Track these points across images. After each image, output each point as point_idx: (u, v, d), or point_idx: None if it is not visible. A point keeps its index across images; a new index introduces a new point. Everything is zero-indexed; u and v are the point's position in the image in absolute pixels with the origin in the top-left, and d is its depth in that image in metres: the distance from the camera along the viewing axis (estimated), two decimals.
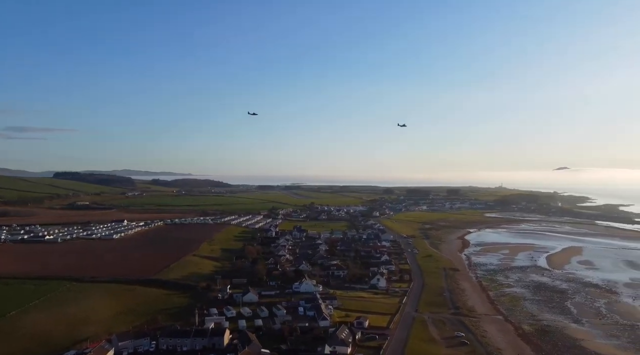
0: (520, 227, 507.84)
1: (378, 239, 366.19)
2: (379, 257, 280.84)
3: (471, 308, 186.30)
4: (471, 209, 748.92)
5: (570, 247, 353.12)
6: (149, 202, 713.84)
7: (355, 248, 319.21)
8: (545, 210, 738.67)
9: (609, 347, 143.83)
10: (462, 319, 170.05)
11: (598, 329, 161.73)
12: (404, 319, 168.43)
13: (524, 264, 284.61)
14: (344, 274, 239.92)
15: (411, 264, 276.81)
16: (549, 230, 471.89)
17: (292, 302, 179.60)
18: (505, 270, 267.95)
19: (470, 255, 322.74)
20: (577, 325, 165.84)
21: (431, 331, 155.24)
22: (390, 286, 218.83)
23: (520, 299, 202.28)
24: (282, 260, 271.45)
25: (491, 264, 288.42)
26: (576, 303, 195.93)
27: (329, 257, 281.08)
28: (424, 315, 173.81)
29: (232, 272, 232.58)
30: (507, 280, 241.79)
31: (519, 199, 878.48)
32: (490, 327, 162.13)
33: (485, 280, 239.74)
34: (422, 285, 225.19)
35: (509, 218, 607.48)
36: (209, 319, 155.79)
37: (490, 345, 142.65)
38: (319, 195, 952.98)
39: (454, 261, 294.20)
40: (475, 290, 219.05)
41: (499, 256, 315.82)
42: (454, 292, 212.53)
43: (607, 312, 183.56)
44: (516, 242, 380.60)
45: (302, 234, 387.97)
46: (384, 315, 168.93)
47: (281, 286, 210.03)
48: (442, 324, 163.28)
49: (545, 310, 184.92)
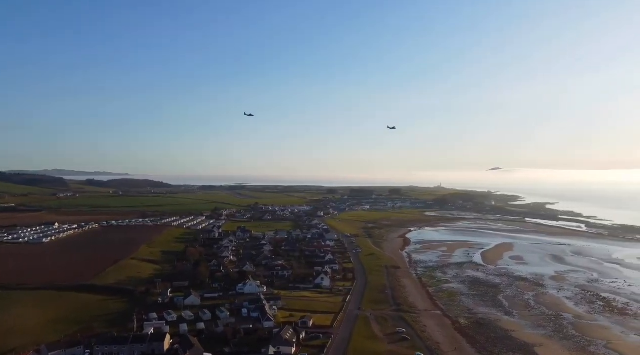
0: (457, 225, 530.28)
1: (322, 238, 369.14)
2: (323, 257, 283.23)
3: (412, 304, 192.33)
4: (412, 208, 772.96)
5: (503, 244, 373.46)
6: (83, 203, 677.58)
7: (300, 248, 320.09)
8: (480, 208, 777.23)
9: (537, 337, 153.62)
10: (403, 315, 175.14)
11: (527, 320, 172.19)
12: (347, 317, 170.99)
13: (460, 261, 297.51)
14: (289, 274, 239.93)
15: (355, 263, 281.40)
16: (484, 228, 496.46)
17: (235, 304, 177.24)
18: (444, 266, 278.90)
19: (411, 253, 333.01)
20: (508, 317, 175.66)
21: (374, 328, 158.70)
22: (334, 285, 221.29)
23: (458, 294, 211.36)
24: (226, 261, 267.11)
25: (431, 261, 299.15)
26: (508, 296, 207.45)
27: (273, 258, 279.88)
28: (367, 312, 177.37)
29: (173, 275, 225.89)
30: (445, 276, 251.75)
31: (457, 198, 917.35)
32: (429, 322, 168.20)
33: (425, 277, 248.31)
34: (365, 283, 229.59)
35: (447, 216, 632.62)
36: (148, 324, 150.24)
37: (430, 340, 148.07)
38: (264, 196, 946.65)
39: (395, 259, 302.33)
40: (415, 286, 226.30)
41: (437, 253, 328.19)
42: (396, 289, 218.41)
43: (535, 304, 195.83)
44: (454, 240, 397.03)
45: (246, 235, 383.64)
46: (328, 314, 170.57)
47: (225, 288, 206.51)
48: (384, 320, 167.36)
49: (480, 304, 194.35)
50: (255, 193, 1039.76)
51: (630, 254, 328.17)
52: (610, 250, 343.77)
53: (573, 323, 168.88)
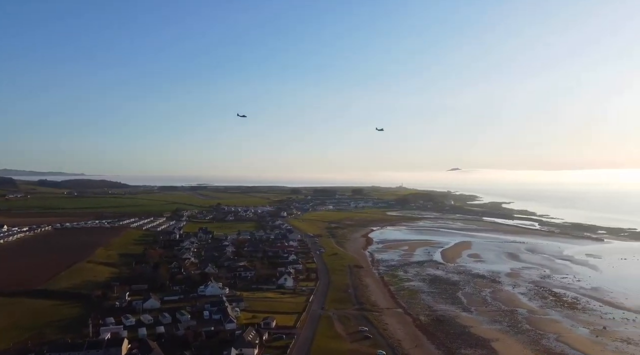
0: (418, 224, 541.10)
1: (286, 239, 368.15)
2: (286, 257, 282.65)
3: (374, 303, 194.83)
4: (374, 207, 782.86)
5: (462, 242, 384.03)
6: (35, 204, 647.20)
7: (263, 248, 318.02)
8: (440, 208, 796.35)
9: (493, 332, 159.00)
10: (365, 313, 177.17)
11: (484, 316, 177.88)
12: (310, 317, 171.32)
13: (421, 259, 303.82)
14: (252, 275, 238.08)
15: (318, 263, 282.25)
16: (444, 227, 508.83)
17: (197, 307, 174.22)
18: (405, 265, 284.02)
19: (374, 252, 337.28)
20: (466, 314, 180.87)
21: (337, 327, 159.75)
22: (297, 285, 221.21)
23: (418, 292, 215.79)
24: (187, 263, 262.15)
25: (392, 260, 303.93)
26: (466, 293, 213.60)
27: (236, 259, 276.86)
28: (330, 312, 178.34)
29: (131, 278, 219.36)
30: (407, 274, 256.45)
31: (417, 197, 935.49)
32: (391, 320, 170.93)
33: (387, 276, 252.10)
34: (329, 283, 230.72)
35: (408, 216, 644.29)
36: (104, 329, 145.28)
37: (391, 338, 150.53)
38: (226, 196, 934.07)
39: (358, 258, 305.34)
40: (377, 285, 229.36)
41: (399, 252, 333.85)
42: (358, 288, 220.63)
43: (492, 300, 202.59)
44: (415, 239, 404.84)
45: (208, 236, 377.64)
46: (292, 315, 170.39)
47: (186, 290, 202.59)
48: (347, 319, 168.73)
49: (440, 301, 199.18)
50: (217, 193, 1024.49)
51: (579, 250, 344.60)
52: (561, 247, 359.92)
53: (527, 318, 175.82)
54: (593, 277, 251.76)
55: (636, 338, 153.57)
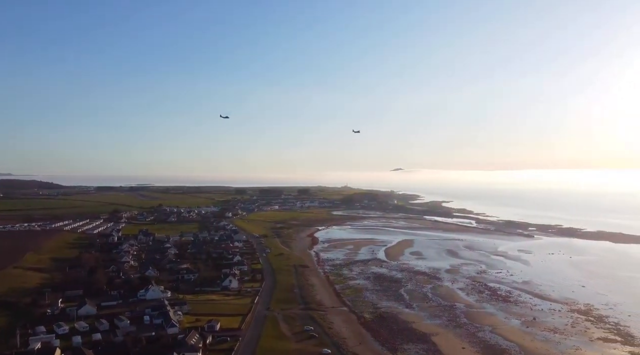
0: (363, 223, 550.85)
1: (230, 239, 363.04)
2: (231, 258, 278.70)
3: (319, 302, 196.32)
4: (320, 207, 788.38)
5: (404, 240, 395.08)
6: None
7: (207, 250, 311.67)
8: (384, 207, 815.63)
9: (433, 326, 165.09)
10: (311, 313, 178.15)
11: (425, 312, 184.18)
12: (256, 318, 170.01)
13: (365, 258, 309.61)
14: (195, 278, 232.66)
15: (263, 263, 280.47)
16: (387, 226, 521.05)
17: (137, 312, 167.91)
18: (350, 264, 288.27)
19: (319, 251, 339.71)
20: (409, 310, 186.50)
21: (282, 328, 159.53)
22: (242, 286, 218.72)
23: (363, 290, 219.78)
24: (126, 267, 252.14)
25: (337, 259, 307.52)
26: (408, 290, 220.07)
27: (178, 261, 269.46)
28: (276, 312, 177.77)
29: (65, 283, 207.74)
30: (351, 273, 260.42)
31: (362, 197, 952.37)
32: (336, 318, 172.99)
33: (332, 275, 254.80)
34: (274, 283, 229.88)
35: (353, 215, 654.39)
36: (34, 339, 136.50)
37: (336, 336, 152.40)
38: (168, 197, 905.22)
39: (304, 258, 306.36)
40: (323, 285, 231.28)
41: (344, 251, 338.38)
42: (304, 288, 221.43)
43: (432, 295, 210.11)
44: (359, 238, 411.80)
45: (148, 238, 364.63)
46: (236, 316, 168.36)
47: (125, 295, 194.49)
48: (292, 319, 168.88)
49: (383, 299, 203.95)
50: (158, 194, 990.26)
51: (512, 246, 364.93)
52: (496, 243, 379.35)
53: (465, 312, 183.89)
54: (524, 271, 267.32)
55: (561, 327, 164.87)
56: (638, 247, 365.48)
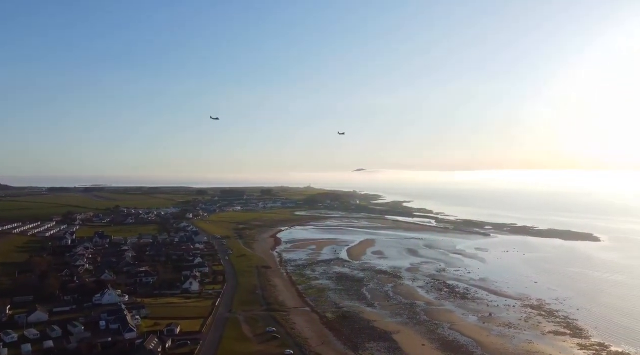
0: (325, 223, 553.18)
1: (191, 241, 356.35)
2: (192, 260, 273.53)
3: (282, 303, 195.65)
4: (283, 207, 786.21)
5: (366, 240, 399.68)
6: None
7: (167, 252, 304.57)
8: (346, 207, 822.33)
9: (394, 324, 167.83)
10: (273, 314, 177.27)
11: (386, 310, 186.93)
12: (217, 320, 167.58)
13: (328, 258, 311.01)
14: (154, 280, 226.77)
15: (225, 265, 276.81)
16: (349, 225, 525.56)
17: (92, 317, 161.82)
18: (313, 264, 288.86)
19: (282, 252, 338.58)
20: (370, 309, 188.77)
21: (244, 329, 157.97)
22: (203, 289, 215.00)
23: (325, 290, 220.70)
24: (80, 270, 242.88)
25: (300, 259, 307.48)
26: (370, 289, 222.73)
27: (136, 264, 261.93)
28: (237, 314, 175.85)
29: (13, 289, 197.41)
30: (314, 273, 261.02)
31: (325, 197, 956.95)
32: (298, 318, 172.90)
33: (295, 275, 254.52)
34: (236, 284, 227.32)
35: (316, 215, 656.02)
36: None
37: (299, 336, 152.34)
38: (126, 198, 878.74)
39: (266, 259, 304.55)
40: (285, 285, 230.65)
41: (307, 251, 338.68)
42: (266, 288, 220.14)
43: (393, 294, 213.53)
44: (322, 238, 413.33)
45: (104, 240, 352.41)
46: (197, 319, 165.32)
47: (79, 300, 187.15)
48: (254, 321, 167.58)
49: (345, 298, 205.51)
50: (115, 195, 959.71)
51: (470, 244, 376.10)
52: (454, 242, 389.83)
53: (424, 309, 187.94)
54: (481, 268, 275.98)
55: (515, 322, 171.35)
56: (585, 244, 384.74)
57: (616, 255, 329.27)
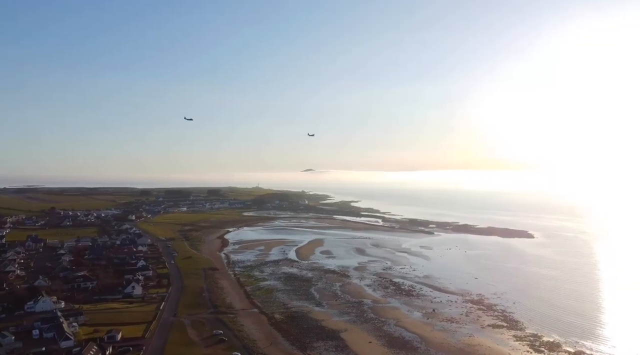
0: (274, 224, 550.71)
1: (134, 243, 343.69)
2: (134, 263, 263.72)
3: (229, 305, 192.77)
4: (230, 208, 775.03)
5: (315, 240, 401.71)
6: None
7: (108, 255, 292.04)
8: (295, 207, 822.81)
9: (342, 323, 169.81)
10: (220, 317, 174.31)
11: (335, 309, 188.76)
12: (161, 325, 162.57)
13: (277, 258, 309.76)
14: (94, 285, 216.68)
15: (170, 268, 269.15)
16: (298, 226, 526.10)
17: (24, 326, 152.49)
18: (261, 265, 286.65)
19: (229, 253, 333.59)
20: (319, 308, 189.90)
21: (190, 333, 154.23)
22: (147, 293, 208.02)
23: (274, 291, 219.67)
24: (11, 277, 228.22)
25: (248, 260, 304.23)
26: (318, 289, 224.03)
27: (74, 268, 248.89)
28: (183, 318, 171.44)
29: None
30: (263, 274, 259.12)
31: (273, 197, 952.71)
32: (246, 320, 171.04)
33: (243, 277, 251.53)
34: (182, 287, 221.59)
35: (264, 216, 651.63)
36: None
37: (247, 338, 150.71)
38: (63, 199, 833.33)
39: (213, 261, 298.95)
40: (233, 287, 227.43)
41: (255, 252, 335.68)
42: (213, 291, 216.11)
43: (341, 293, 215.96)
44: (271, 238, 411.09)
45: (38, 244, 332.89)
46: (140, 325, 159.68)
47: (10, 308, 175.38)
48: (201, 324, 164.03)
49: (294, 298, 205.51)
50: (50, 196, 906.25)
51: (415, 243, 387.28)
52: (400, 241, 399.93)
53: (371, 307, 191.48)
54: (425, 266, 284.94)
55: (457, 317, 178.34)
56: (520, 241, 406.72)
57: (548, 251, 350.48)
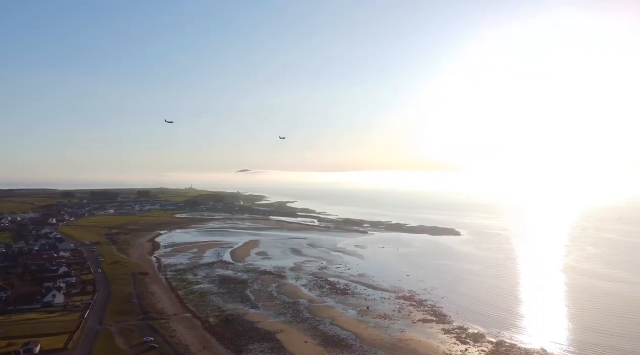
0: (208, 225, 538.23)
1: (55, 249, 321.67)
2: (55, 270, 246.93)
3: (160, 310, 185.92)
4: (162, 210, 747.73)
5: (250, 241, 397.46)
6: None
7: (24, 262, 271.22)
8: (230, 208, 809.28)
9: (278, 324, 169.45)
10: (151, 323, 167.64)
11: (270, 310, 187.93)
12: (86, 334, 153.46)
13: (211, 261, 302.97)
14: (8, 295, 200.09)
15: (95, 273, 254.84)
16: (233, 227, 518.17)
17: None
18: (195, 268, 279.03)
19: (161, 257, 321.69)
20: (254, 310, 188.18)
21: (117, 341, 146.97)
22: (69, 301, 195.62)
23: (208, 294, 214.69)
24: None
25: (181, 263, 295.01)
26: (254, 290, 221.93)
27: None
28: (110, 326, 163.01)
29: None
30: (196, 277, 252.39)
31: (207, 198, 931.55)
32: (179, 325, 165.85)
33: (175, 281, 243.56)
34: (108, 294, 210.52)
35: (198, 217, 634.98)
36: None
37: (179, 344, 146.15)
38: None
39: (143, 265, 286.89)
40: (165, 291, 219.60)
41: (188, 255, 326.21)
42: (143, 296, 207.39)
43: (277, 294, 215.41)
44: (205, 240, 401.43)
45: None
46: (62, 335, 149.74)
47: None
48: (129, 332, 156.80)
49: (229, 301, 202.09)
50: None
51: (350, 242, 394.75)
52: (336, 240, 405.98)
53: (307, 307, 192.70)
54: (360, 265, 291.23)
55: (390, 313, 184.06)
56: (448, 238, 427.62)
57: (473, 247, 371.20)
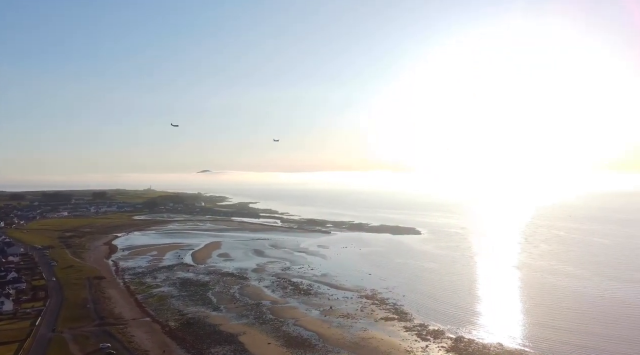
0: (168, 227, 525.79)
1: (3, 253, 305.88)
2: (4, 276, 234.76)
3: (118, 315, 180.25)
4: (119, 212, 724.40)
5: (212, 243, 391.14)
6: None
7: None
8: (191, 209, 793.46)
9: (241, 326, 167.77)
10: (108, 328, 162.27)
11: (233, 312, 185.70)
12: (37, 342, 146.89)
13: (171, 263, 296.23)
14: None
15: (48, 279, 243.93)
16: (194, 229, 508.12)
17: None
18: (154, 271, 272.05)
19: (118, 260, 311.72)
20: (216, 313, 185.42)
21: (72, 349, 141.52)
22: (19, 308, 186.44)
23: (168, 297, 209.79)
24: None
25: (140, 266, 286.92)
26: (216, 292, 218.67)
27: None
28: (64, 333, 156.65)
29: None
30: (156, 280, 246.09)
31: (167, 200, 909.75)
32: (137, 330, 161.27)
33: (134, 284, 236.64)
34: (62, 300, 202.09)
35: (157, 219, 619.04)
36: None
37: (138, 349, 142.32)
38: None
39: (99, 269, 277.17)
40: (122, 296, 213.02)
41: (147, 258, 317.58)
42: (99, 301, 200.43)
43: (240, 296, 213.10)
44: (164, 243, 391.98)
45: None
46: (11, 344, 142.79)
47: None
48: (85, 338, 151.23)
49: (190, 304, 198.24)
50: None
51: (313, 242, 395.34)
52: (299, 240, 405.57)
53: (270, 308, 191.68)
54: (323, 265, 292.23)
55: (353, 312, 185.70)
56: (409, 237, 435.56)
57: (433, 246, 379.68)
